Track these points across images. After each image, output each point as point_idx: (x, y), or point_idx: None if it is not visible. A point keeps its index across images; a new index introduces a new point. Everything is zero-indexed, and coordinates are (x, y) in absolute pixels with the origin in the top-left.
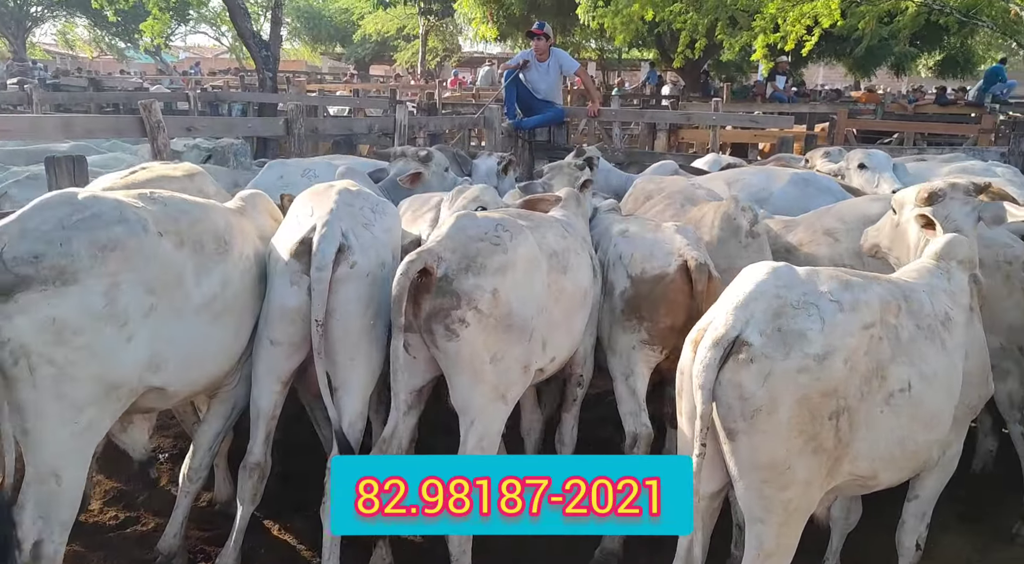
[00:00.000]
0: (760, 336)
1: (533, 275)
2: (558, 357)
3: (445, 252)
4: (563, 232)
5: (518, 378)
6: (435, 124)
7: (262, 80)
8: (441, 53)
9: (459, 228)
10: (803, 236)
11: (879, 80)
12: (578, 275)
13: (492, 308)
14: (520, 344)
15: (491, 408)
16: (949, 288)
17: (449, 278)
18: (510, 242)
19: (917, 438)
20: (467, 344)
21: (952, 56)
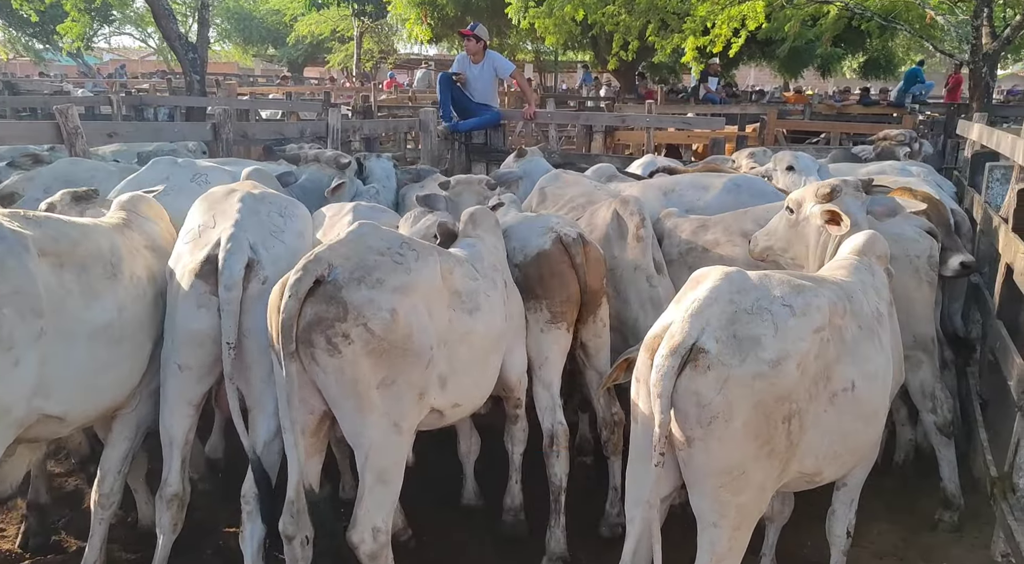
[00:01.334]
0: (716, 343)
1: (433, 303)
2: (464, 404)
3: (336, 258)
4: (473, 273)
5: (413, 406)
6: (369, 127)
7: (189, 83)
8: (376, 55)
9: (358, 236)
10: (720, 237)
11: (807, 81)
12: (489, 319)
13: (387, 330)
14: (416, 370)
15: (384, 440)
16: (875, 283)
17: (338, 285)
18: (414, 262)
19: (858, 433)
20: (349, 364)
21: (874, 58)
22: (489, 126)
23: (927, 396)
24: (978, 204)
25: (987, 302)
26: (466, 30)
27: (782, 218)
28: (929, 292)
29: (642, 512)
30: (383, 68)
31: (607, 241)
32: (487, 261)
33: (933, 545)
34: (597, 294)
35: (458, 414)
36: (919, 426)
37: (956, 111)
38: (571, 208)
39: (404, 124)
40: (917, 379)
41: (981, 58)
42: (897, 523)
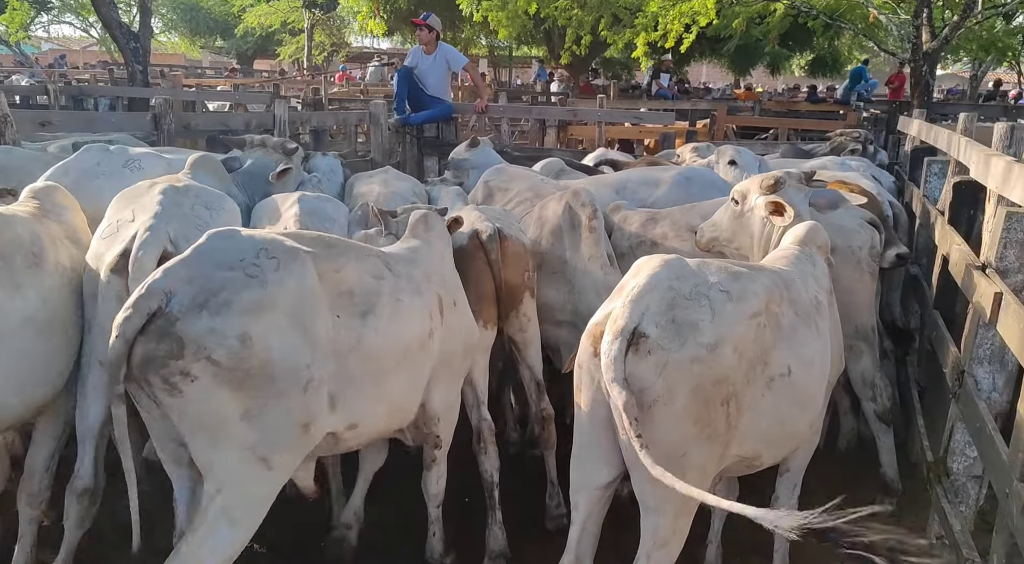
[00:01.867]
0: (656, 328)
1: (306, 316)
2: (363, 426)
3: (175, 284)
4: (381, 270)
5: (293, 440)
6: (318, 119)
7: (132, 73)
8: (328, 48)
9: (202, 252)
10: (668, 231)
11: (757, 79)
12: (395, 325)
13: (238, 359)
14: (288, 398)
15: (245, 475)
16: (815, 273)
17: (172, 318)
18: (272, 273)
19: (795, 418)
20: (194, 402)
21: (821, 57)
22: (441, 119)
23: (867, 385)
24: (917, 198)
25: (925, 293)
26: (418, 19)
27: (727, 209)
28: (871, 282)
29: (585, 499)
30: (335, 61)
31: (559, 233)
32: (421, 267)
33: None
34: (517, 289)
35: (359, 437)
36: (861, 415)
37: (898, 108)
38: (518, 203)
39: (354, 116)
40: (858, 368)
41: (921, 57)
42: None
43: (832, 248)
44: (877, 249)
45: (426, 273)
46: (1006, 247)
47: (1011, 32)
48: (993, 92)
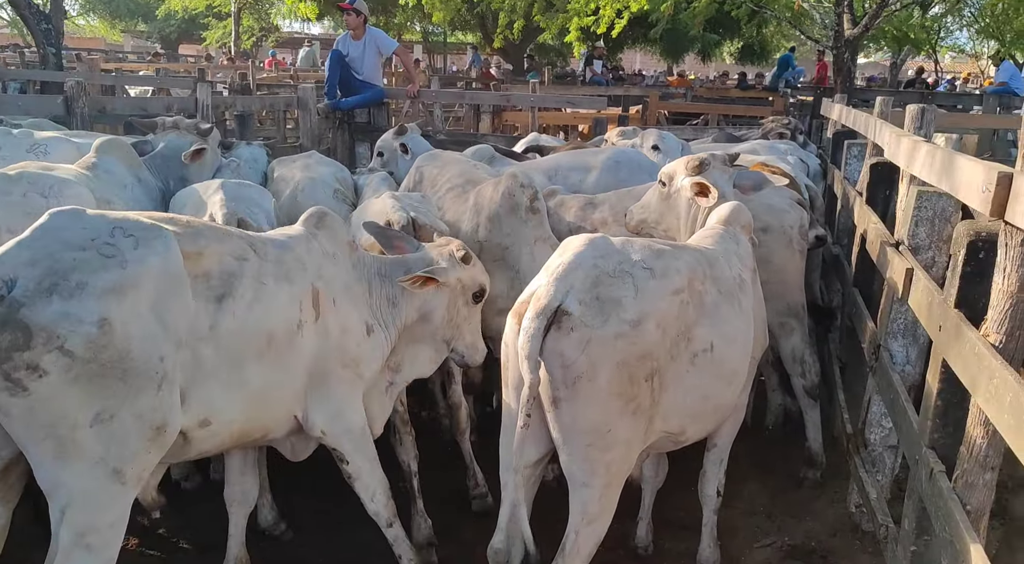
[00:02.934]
0: (579, 305)
1: (169, 300)
2: (217, 423)
3: (17, 267)
4: (244, 250)
5: (144, 446)
6: (243, 104)
7: (44, 56)
8: (257, 33)
9: (48, 230)
10: (607, 215)
11: (689, 66)
12: (254, 311)
13: (95, 348)
14: (145, 395)
15: (96, 491)
16: (739, 251)
17: (16, 303)
18: (132, 251)
19: (719, 393)
20: (43, 402)
21: (749, 44)
22: (372, 104)
23: (797, 361)
24: (838, 179)
25: (845, 271)
26: (344, 3)
27: (655, 191)
28: (801, 261)
29: (514, 477)
30: (265, 46)
31: (497, 219)
32: (295, 253)
33: (798, 501)
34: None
35: (212, 439)
36: (788, 390)
37: (822, 94)
38: (449, 188)
39: (281, 102)
40: (789, 345)
41: (843, 44)
42: (767, 482)
43: (764, 227)
44: (806, 228)
45: (300, 260)
46: (917, 225)
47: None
48: (914, 79)
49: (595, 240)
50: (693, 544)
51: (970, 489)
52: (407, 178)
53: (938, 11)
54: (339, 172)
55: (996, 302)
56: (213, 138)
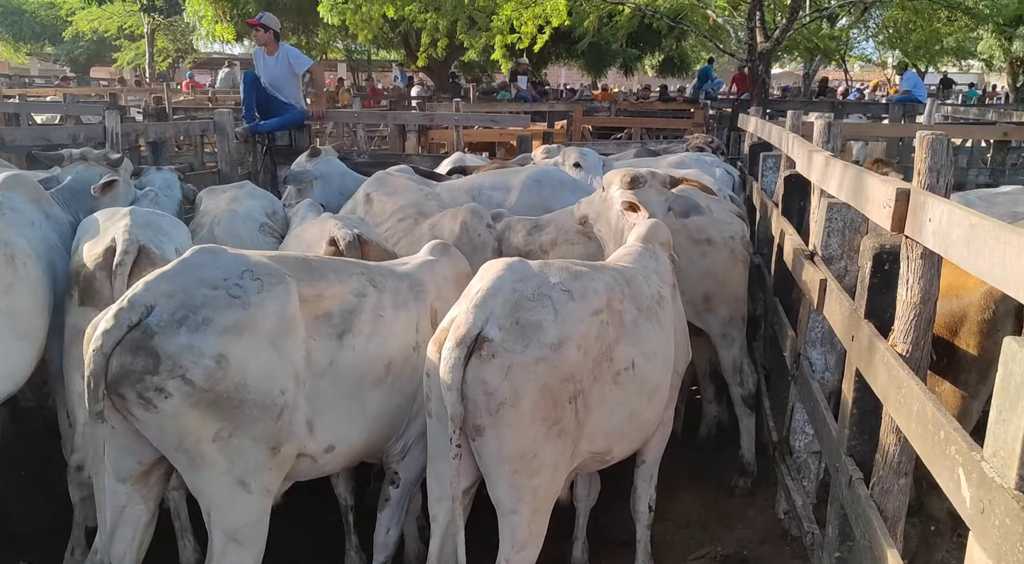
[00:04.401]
0: (500, 331)
1: (284, 340)
2: (340, 447)
3: (156, 297)
4: (364, 286)
5: (264, 462)
6: (156, 131)
7: None
8: (173, 54)
9: (189, 266)
10: (556, 235)
11: (613, 80)
12: (373, 343)
13: (212, 380)
14: (261, 422)
15: (229, 497)
16: (658, 268)
17: (150, 331)
18: (256, 295)
19: (643, 410)
20: (170, 419)
21: (670, 57)
22: (292, 126)
23: (737, 370)
24: (756, 191)
25: (766, 280)
26: (253, 20)
27: (599, 193)
28: (744, 272)
29: (445, 508)
30: (182, 68)
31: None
32: (411, 279)
33: (730, 510)
34: None
35: (337, 460)
36: (723, 402)
37: (739, 106)
38: (401, 218)
39: (197, 126)
40: (730, 355)
41: (757, 57)
42: (700, 493)
43: (707, 239)
44: (747, 238)
45: (416, 284)
46: (829, 236)
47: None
48: (822, 89)
49: (513, 264)
50: (629, 561)
51: (886, 495)
52: (352, 202)
53: (845, 23)
54: (269, 205)
55: (901, 313)
56: (124, 168)
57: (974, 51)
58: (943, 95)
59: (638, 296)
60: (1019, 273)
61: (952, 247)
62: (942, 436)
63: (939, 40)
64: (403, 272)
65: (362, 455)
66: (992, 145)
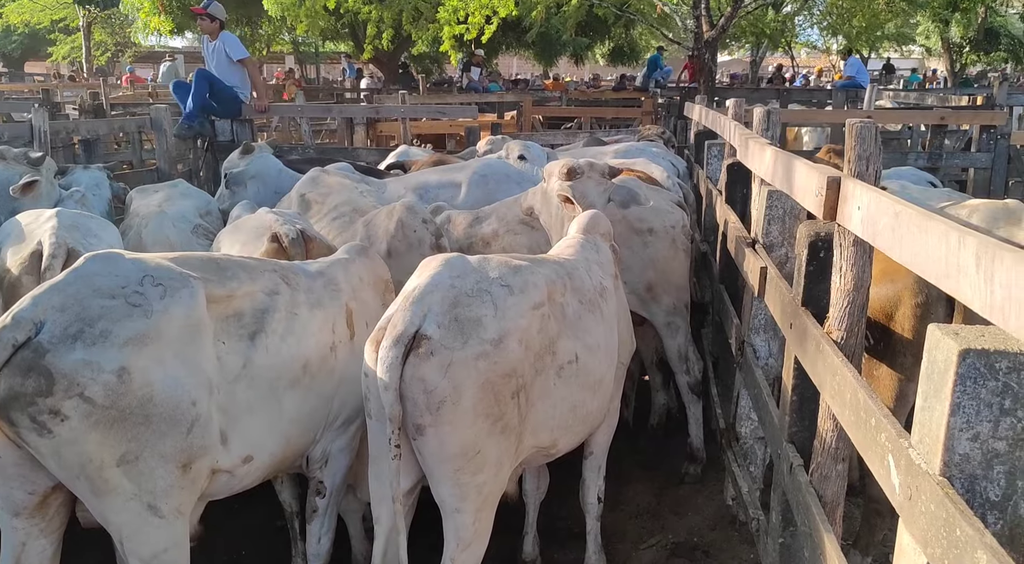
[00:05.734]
0: (438, 328)
1: (192, 346)
2: (259, 457)
3: (46, 312)
4: (276, 284)
5: (173, 483)
6: (88, 128)
7: None
8: (112, 47)
9: (82, 276)
10: (497, 227)
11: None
12: (287, 342)
13: (114, 396)
14: (170, 438)
15: (140, 524)
16: (599, 259)
17: (41, 349)
18: (158, 301)
19: (587, 403)
20: (69, 444)
21: (619, 46)
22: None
23: (682, 358)
24: (702, 178)
25: (712, 268)
26: (198, 8)
27: (542, 183)
28: (685, 260)
29: (387, 510)
30: (122, 62)
31: (396, 254)
32: (325, 277)
33: (681, 497)
34: None
35: (256, 472)
36: (671, 390)
37: (687, 94)
38: (336, 217)
39: (133, 123)
40: (675, 343)
41: (703, 45)
42: (651, 481)
43: (648, 228)
44: (688, 227)
45: (331, 282)
46: (770, 223)
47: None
48: (774, 75)
49: (451, 260)
50: (581, 553)
51: (825, 481)
52: (284, 200)
53: (790, 10)
54: (204, 205)
55: (835, 300)
56: (47, 168)
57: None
58: (885, 80)
59: (580, 288)
60: (938, 260)
61: (879, 235)
62: (873, 423)
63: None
64: (316, 270)
65: (282, 464)
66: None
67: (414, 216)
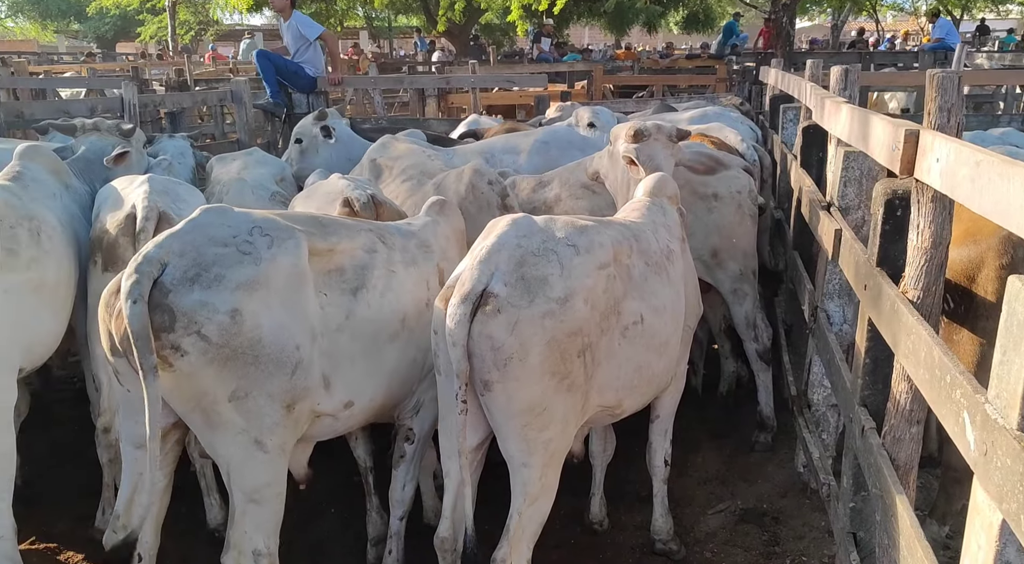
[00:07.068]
0: (505, 286)
1: (297, 294)
2: (359, 403)
3: (169, 255)
4: (374, 242)
5: (279, 421)
6: (173, 101)
7: None
8: (195, 26)
9: (198, 226)
10: (560, 191)
11: (636, 38)
12: (386, 299)
13: (227, 335)
14: (276, 378)
15: (246, 457)
16: (666, 222)
17: (164, 289)
18: (266, 250)
19: (652, 364)
20: (186, 378)
21: (694, 13)
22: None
23: (750, 326)
24: (776, 144)
25: (786, 234)
26: None
27: (608, 147)
28: (751, 226)
29: (455, 464)
30: (205, 40)
31: (464, 216)
32: (418, 238)
33: (751, 465)
34: None
35: (356, 417)
36: (740, 357)
37: (763, 60)
38: (405, 179)
39: (214, 96)
40: (742, 310)
41: (780, 8)
42: (720, 449)
43: (713, 193)
44: (755, 193)
45: (423, 243)
46: (846, 185)
47: None
48: (856, 40)
49: (518, 220)
50: (648, 516)
51: (898, 444)
52: (358, 169)
53: None
54: (279, 171)
55: (912, 259)
56: (137, 138)
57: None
58: (979, 42)
59: (646, 251)
60: (1021, 208)
61: (958, 187)
62: (948, 380)
63: None
64: (409, 231)
65: (379, 411)
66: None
67: (482, 178)
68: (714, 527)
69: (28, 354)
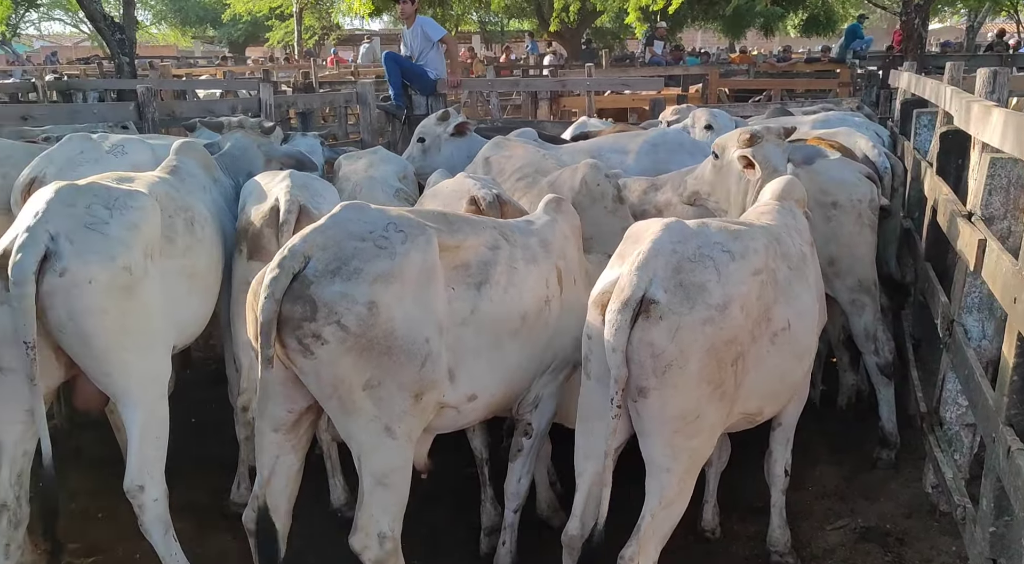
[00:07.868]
0: (665, 293)
1: (427, 289)
2: (482, 396)
3: (313, 249)
4: (495, 240)
5: (408, 409)
6: (304, 102)
7: (119, 66)
8: (319, 31)
9: (338, 221)
10: (671, 196)
11: (751, 42)
12: (509, 294)
13: (364, 326)
14: (407, 369)
15: (376, 443)
16: (797, 226)
17: (307, 281)
18: (400, 246)
19: (794, 371)
20: (327, 365)
21: (815, 15)
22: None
23: (870, 338)
24: (908, 150)
25: (917, 245)
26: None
27: (708, 162)
28: (871, 235)
29: (593, 466)
30: (327, 44)
31: (579, 209)
32: (538, 236)
33: (872, 482)
34: None
35: (478, 410)
36: (861, 370)
37: (891, 63)
38: (519, 177)
39: (341, 97)
40: (861, 322)
41: (913, 10)
42: (839, 464)
43: (833, 202)
44: (876, 202)
45: (544, 242)
46: (991, 194)
47: None
48: (995, 42)
49: (671, 225)
50: (762, 527)
51: None
52: (470, 166)
53: None
54: (401, 169)
55: None
56: (276, 136)
57: None
58: None
59: (788, 254)
60: None
61: None
62: None
63: None
64: (530, 229)
65: (501, 405)
66: None
67: (597, 172)
68: (833, 544)
69: (180, 334)
